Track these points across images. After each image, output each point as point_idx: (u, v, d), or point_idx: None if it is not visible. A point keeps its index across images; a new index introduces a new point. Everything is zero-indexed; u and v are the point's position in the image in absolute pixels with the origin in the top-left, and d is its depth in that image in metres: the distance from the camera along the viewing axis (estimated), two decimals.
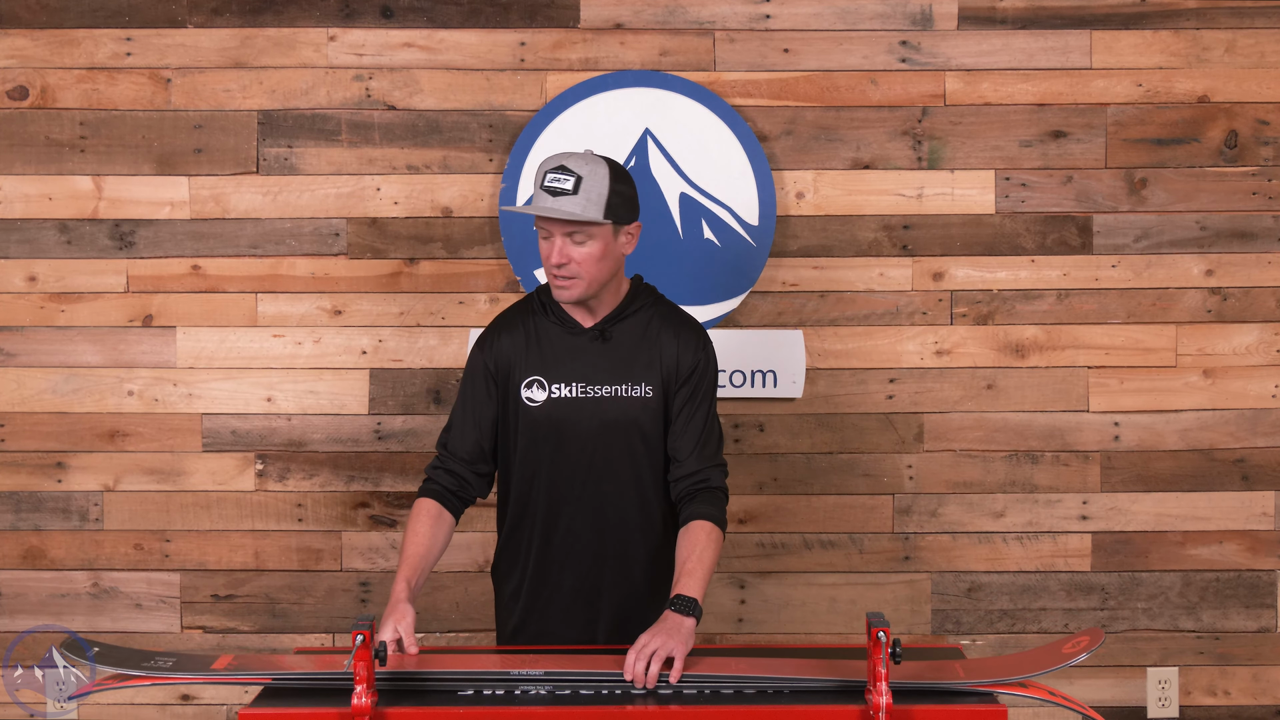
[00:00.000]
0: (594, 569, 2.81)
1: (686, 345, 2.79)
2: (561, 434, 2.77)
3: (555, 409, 2.76)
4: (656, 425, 2.78)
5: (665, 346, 2.78)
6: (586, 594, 2.82)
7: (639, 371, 2.76)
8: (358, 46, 3.72)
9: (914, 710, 2.29)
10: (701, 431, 2.77)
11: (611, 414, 2.75)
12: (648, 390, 2.76)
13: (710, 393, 2.81)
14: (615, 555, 2.81)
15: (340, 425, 3.74)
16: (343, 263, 3.73)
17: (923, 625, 3.76)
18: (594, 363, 2.76)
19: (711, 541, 2.68)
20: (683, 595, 2.58)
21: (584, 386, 2.76)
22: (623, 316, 2.79)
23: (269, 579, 3.76)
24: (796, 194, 3.72)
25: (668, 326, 2.80)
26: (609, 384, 2.76)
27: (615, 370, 2.76)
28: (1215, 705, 3.78)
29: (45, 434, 3.74)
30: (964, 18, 3.72)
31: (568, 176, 2.65)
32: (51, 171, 3.72)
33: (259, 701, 2.36)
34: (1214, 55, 3.73)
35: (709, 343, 2.83)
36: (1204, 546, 3.77)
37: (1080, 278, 3.74)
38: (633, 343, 2.78)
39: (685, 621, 2.53)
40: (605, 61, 3.71)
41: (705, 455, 2.77)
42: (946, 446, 3.75)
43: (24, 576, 3.75)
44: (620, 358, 2.77)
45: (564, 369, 2.77)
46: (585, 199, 2.65)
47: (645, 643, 2.45)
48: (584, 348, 2.77)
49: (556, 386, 2.76)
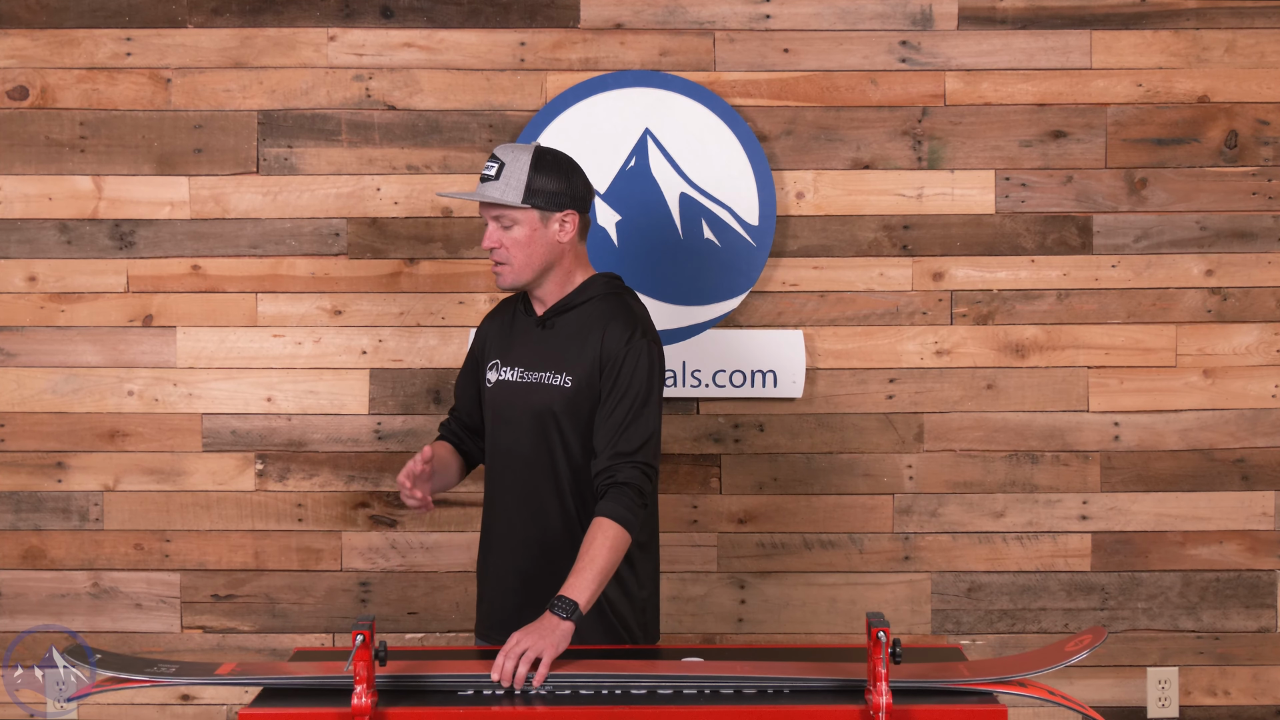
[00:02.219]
0: (521, 556, 2.82)
1: (612, 336, 2.74)
2: (502, 417, 2.84)
3: (499, 392, 2.85)
4: (574, 416, 2.76)
5: (593, 338, 2.76)
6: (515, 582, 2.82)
7: (564, 361, 2.77)
8: (358, 46, 3.72)
9: (914, 710, 2.28)
10: (620, 426, 2.69)
11: (534, 400, 2.79)
12: (566, 380, 2.76)
13: (635, 387, 2.72)
14: (542, 544, 2.80)
15: (340, 425, 3.74)
16: (343, 263, 3.73)
17: (923, 625, 3.76)
18: (534, 349, 2.82)
19: (607, 540, 2.60)
20: (564, 597, 2.53)
21: (522, 372, 2.82)
22: (569, 307, 2.81)
23: (269, 579, 3.76)
24: (796, 194, 3.72)
25: (602, 318, 2.77)
26: (538, 370, 2.80)
27: (547, 358, 2.80)
28: (1215, 705, 3.78)
29: (45, 434, 3.74)
30: (964, 18, 3.72)
31: (493, 163, 2.76)
32: (51, 171, 3.72)
33: (259, 702, 2.36)
34: (1214, 55, 3.72)
35: (643, 338, 2.75)
36: (1204, 546, 3.77)
37: (1080, 278, 3.74)
38: (570, 333, 2.79)
39: (561, 625, 2.49)
40: (605, 61, 3.71)
41: (619, 452, 2.69)
42: (946, 446, 3.75)
43: (24, 576, 3.75)
44: (555, 347, 2.80)
45: (512, 354, 2.85)
46: (504, 184, 2.74)
47: (515, 641, 2.45)
48: (531, 334, 2.84)
49: (505, 370, 2.84)
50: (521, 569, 2.81)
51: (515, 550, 2.83)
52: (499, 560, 2.86)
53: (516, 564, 2.82)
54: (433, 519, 3.73)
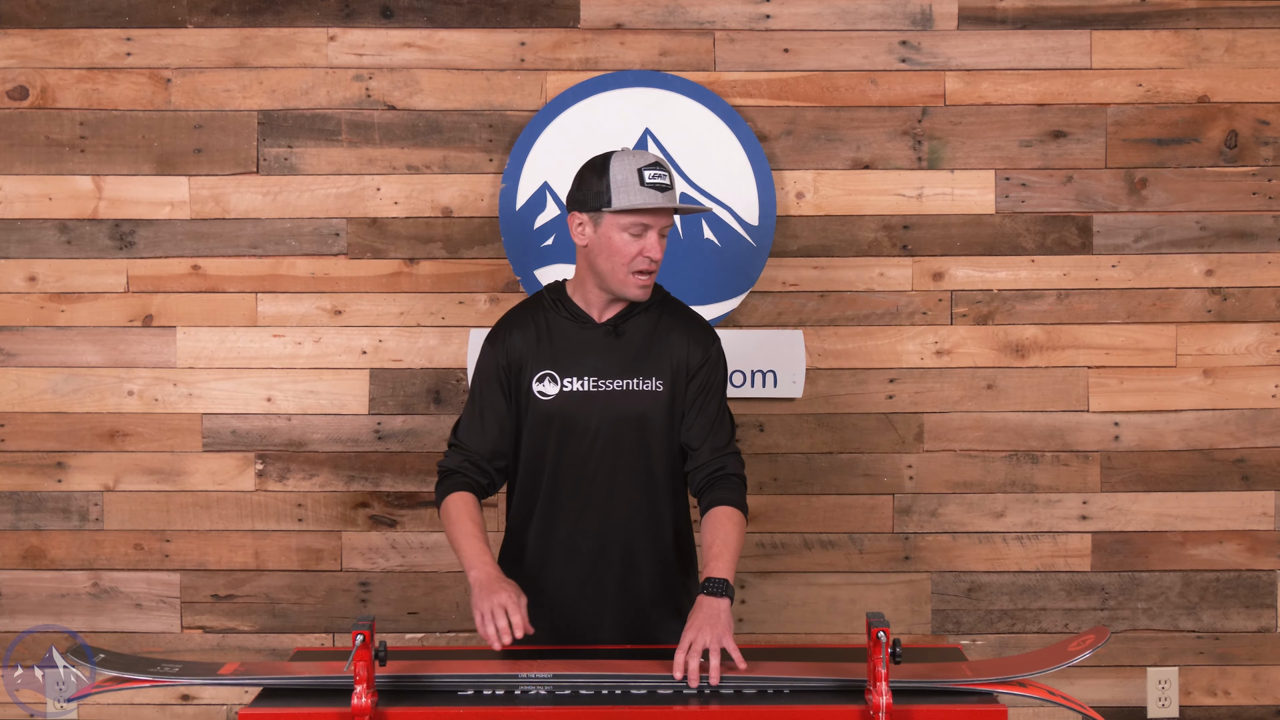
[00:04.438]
0: (600, 565, 2.81)
1: (697, 341, 2.82)
2: (573, 427, 2.78)
3: (567, 403, 2.78)
4: (666, 419, 2.79)
5: (676, 342, 2.81)
6: (592, 591, 2.81)
7: (650, 366, 2.79)
8: (358, 46, 3.72)
9: (914, 710, 2.29)
10: (713, 421, 2.81)
11: (623, 407, 2.77)
12: (658, 384, 2.78)
13: (721, 385, 2.85)
14: (622, 552, 2.81)
15: (340, 425, 3.74)
16: (343, 263, 3.73)
17: (923, 625, 3.77)
18: (606, 357, 2.79)
19: (735, 525, 2.71)
20: (713, 577, 2.60)
21: (596, 380, 2.78)
22: (635, 312, 2.82)
23: (269, 579, 3.76)
24: (796, 194, 3.72)
25: (678, 323, 2.84)
26: (621, 377, 2.78)
27: (627, 364, 2.78)
28: (1215, 705, 3.78)
29: (45, 434, 3.74)
30: (964, 18, 3.72)
31: (664, 172, 2.73)
32: (51, 171, 3.72)
33: (259, 701, 2.36)
34: (1214, 55, 3.73)
35: (718, 338, 2.88)
36: (1204, 546, 3.77)
37: (1080, 278, 3.74)
38: (644, 338, 2.81)
39: (720, 603, 2.55)
40: (605, 61, 3.71)
41: (717, 445, 2.80)
42: (946, 446, 3.75)
43: (24, 576, 3.75)
44: (632, 352, 2.79)
45: (576, 363, 2.79)
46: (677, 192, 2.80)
47: (693, 638, 2.47)
48: (597, 342, 2.80)
49: (569, 380, 2.78)
50: (604, 577, 2.81)
51: (596, 559, 2.80)
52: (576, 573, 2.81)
53: (597, 573, 2.81)
54: (433, 519, 3.73)
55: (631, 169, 2.72)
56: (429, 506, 3.73)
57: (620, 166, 2.72)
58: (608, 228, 2.73)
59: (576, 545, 2.81)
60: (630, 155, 2.74)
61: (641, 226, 2.72)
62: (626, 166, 2.72)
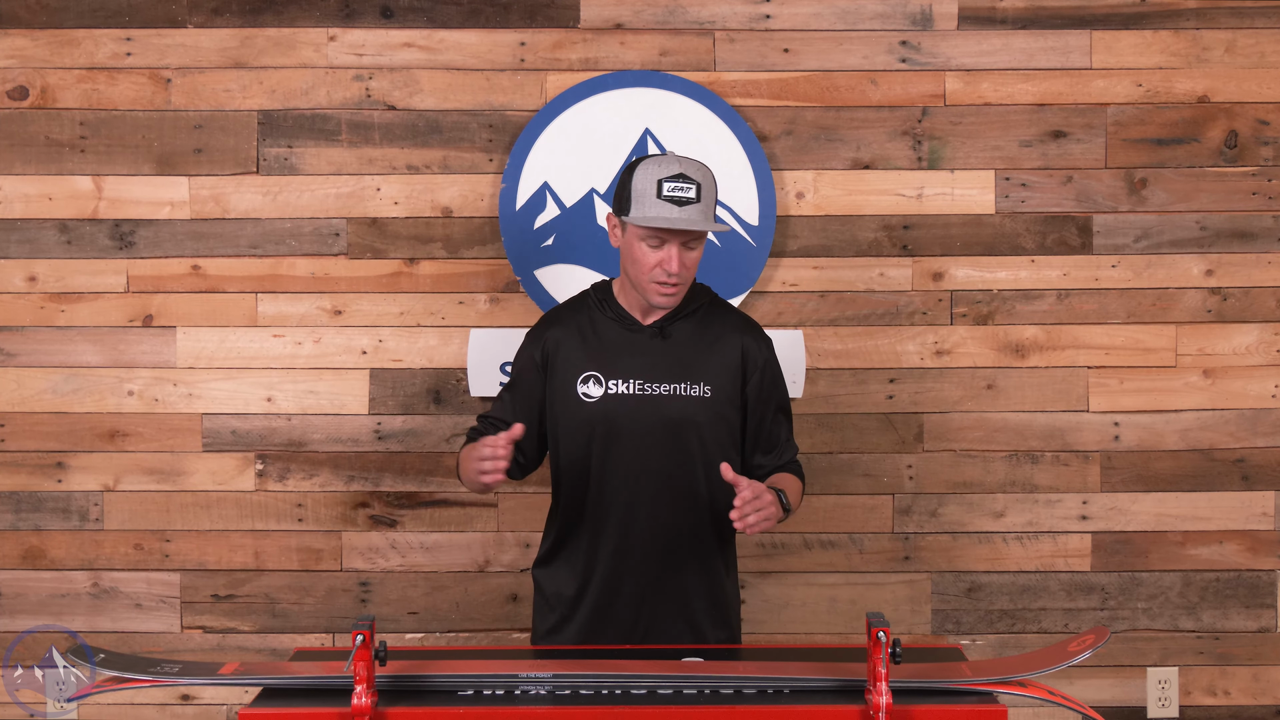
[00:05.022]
0: (641, 570, 2.80)
1: (752, 345, 2.82)
2: (618, 431, 2.76)
3: (612, 405, 2.75)
4: (715, 425, 2.78)
5: (728, 344, 2.79)
6: (635, 594, 2.81)
7: (698, 370, 2.77)
8: (358, 46, 3.72)
9: (914, 710, 2.28)
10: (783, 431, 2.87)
11: (670, 412, 2.75)
12: (706, 390, 2.76)
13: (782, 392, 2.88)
14: (665, 556, 2.80)
15: (340, 425, 3.74)
16: (343, 263, 3.73)
17: (923, 625, 3.77)
18: (653, 360, 2.76)
19: (795, 478, 2.83)
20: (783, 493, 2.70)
21: (642, 384, 2.75)
22: (681, 315, 2.79)
23: (269, 579, 3.76)
24: (796, 194, 3.72)
25: (730, 326, 2.82)
26: (669, 382, 2.76)
27: (675, 368, 2.76)
28: (1215, 705, 3.78)
29: (45, 434, 3.74)
30: (964, 18, 3.72)
31: (689, 185, 2.66)
32: (51, 171, 3.72)
33: (259, 701, 2.36)
34: (1214, 55, 3.73)
35: (770, 340, 2.88)
36: (1204, 546, 3.77)
37: (1080, 278, 3.74)
38: (692, 341, 2.78)
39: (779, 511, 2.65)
40: (605, 61, 3.71)
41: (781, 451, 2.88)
42: (946, 446, 3.75)
43: (24, 576, 3.75)
44: (680, 356, 2.77)
45: (622, 365, 2.76)
46: (706, 206, 2.68)
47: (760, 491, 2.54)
48: (643, 344, 2.77)
49: (614, 383, 2.76)
50: (644, 580, 2.80)
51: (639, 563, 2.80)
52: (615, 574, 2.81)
53: (639, 576, 2.80)
54: (433, 519, 3.73)
55: (652, 179, 2.67)
56: (429, 506, 3.73)
57: (643, 174, 2.68)
58: (630, 235, 2.71)
59: (619, 546, 2.80)
60: (656, 163, 2.69)
61: (659, 239, 2.68)
62: (649, 175, 2.67)
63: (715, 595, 2.85)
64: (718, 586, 2.85)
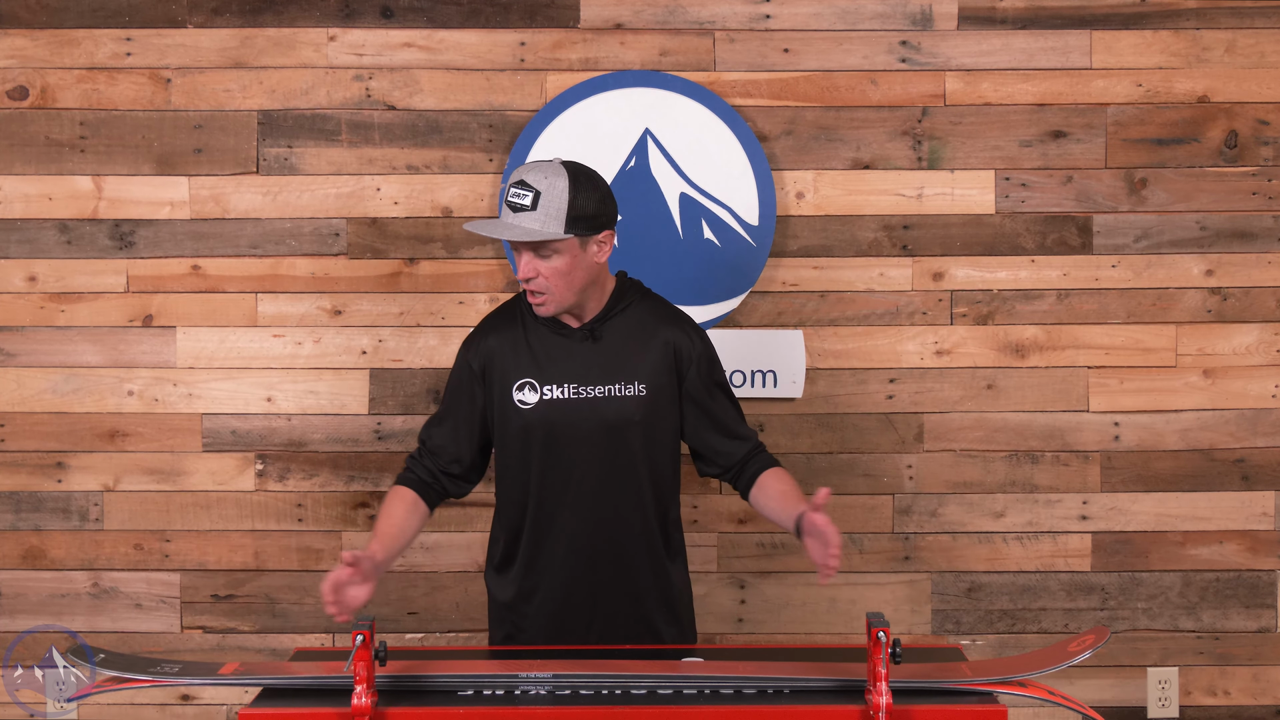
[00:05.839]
0: (589, 572, 2.79)
1: (679, 337, 2.80)
2: (555, 436, 2.75)
3: (548, 410, 2.74)
4: (652, 422, 2.77)
5: (661, 339, 2.78)
6: (581, 598, 2.80)
7: (631, 370, 2.75)
8: (358, 46, 3.72)
9: (914, 710, 2.29)
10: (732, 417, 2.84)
11: (606, 414, 2.74)
12: (641, 389, 2.75)
13: (721, 376, 2.86)
14: (613, 557, 2.80)
15: (340, 425, 3.74)
16: (343, 263, 3.73)
17: (923, 625, 3.77)
18: (586, 363, 2.75)
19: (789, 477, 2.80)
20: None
21: (576, 387, 2.74)
22: (611, 315, 2.78)
23: (269, 579, 3.76)
24: (796, 194, 3.72)
25: (661, 322, 2.81)
26: (602, 383, 2.75)
27: (608, 369, 2.75)
28: (1215, 705, 3.78)
29: (45, 434, 3.74)
30: (964, 18, 3.72)
31: (526, 191, 2.62)
32: (51, 171, 3.72)
33: (259, 701, 2.36)
34: (1214, 55, 3.73)
35: (702, 330, 2.87)
36: (1204, 546, 3.77)
37: (1080, 278, 3.74)
38: (623, 340, 2.77)
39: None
40: (605, 61, 3.71)
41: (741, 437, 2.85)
42: (946, 446, 3.75)
43: (24, 576, 3.75)
44: (612, 356, 2.75)
45: (555, 370, 2.75)
46: (544, 214, 2.62)
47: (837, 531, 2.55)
48: (574, 348, 2.76)
49: (549, 388, 2.74)
50: (594, 581, 2.79)
51: (586, 565, 2.79)
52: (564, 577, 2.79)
53: (588, 578, 2.79)
54: (433, 519, 3.72)
55: (507, 181, 2.66)
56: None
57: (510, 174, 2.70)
58: None
59: (565, 550, 2.79)
60: (522, 166, 2.68)
61: (516, 248, 2.69)
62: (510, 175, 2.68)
63: (665, 591, 2.84)
64: (666, 581, 2.84)
